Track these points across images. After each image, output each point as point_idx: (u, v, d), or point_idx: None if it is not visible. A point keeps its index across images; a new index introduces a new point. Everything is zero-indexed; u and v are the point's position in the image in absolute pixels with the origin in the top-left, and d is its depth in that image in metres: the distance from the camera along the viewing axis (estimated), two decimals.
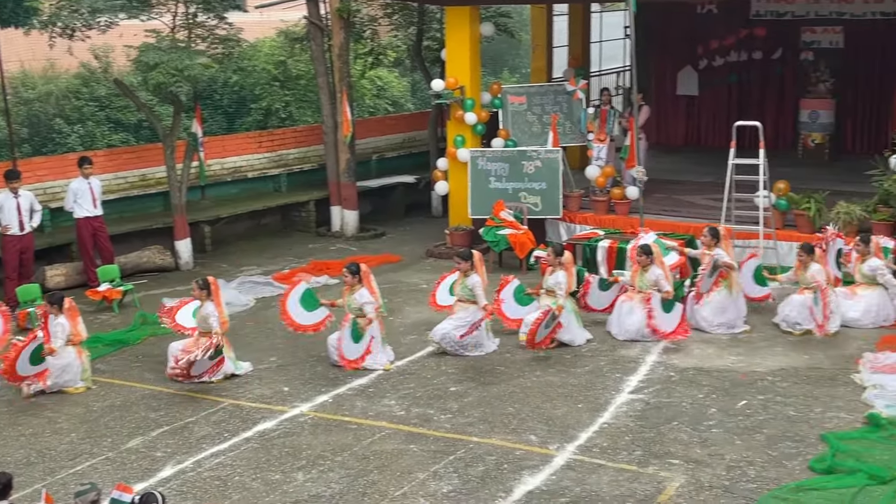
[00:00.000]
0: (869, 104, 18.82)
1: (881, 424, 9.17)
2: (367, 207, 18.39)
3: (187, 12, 15.62)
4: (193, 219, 16.00)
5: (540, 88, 17.41)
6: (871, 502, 7.86)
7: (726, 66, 20.00)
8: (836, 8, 18.33)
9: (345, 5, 17.11)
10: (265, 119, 19.99)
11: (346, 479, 8.59)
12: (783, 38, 19.28)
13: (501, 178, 15.63)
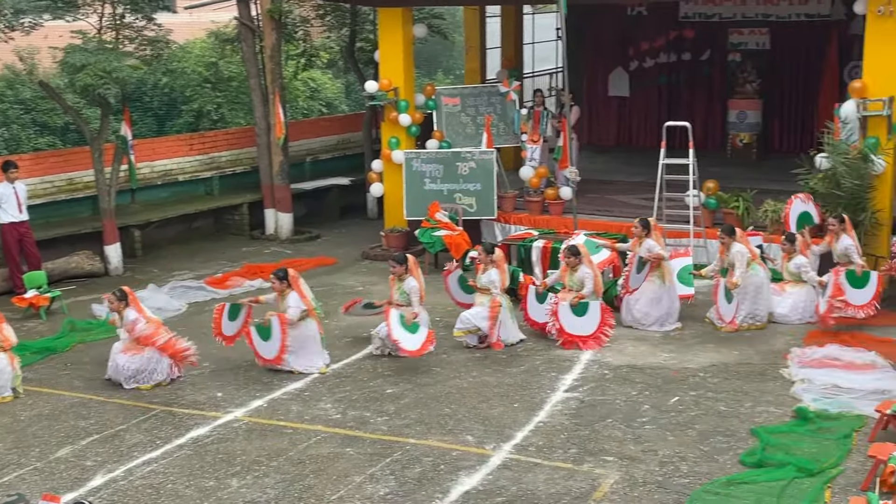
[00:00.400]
0: (795, 104, 19.20)
1: (809, 418, 9.36)
2: (301, 210, 18.31)
3: (115, 13, 15.41)
4: (123, 223, 15.78)
5: (474, 90, 17.48)
6: (799, 494, 8.02)
7: (656, 68, 20.26)
8: (762, 10, 18.67)
9: (276, 6, 17.01)
10: (196, 121, 19.77)
11: (282, 484, 8.53)
12: (711, 40, 19.60)
13: (436, 179, 15.64)
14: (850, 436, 8.97)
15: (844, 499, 7.76)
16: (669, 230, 13.82)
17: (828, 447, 8.77)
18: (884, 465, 7.62)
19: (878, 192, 12.93)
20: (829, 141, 13.04)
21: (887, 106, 12.61)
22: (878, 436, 8.78)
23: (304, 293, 11.26)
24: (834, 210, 12.93)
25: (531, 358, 11.32)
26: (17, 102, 18.19)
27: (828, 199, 13.01)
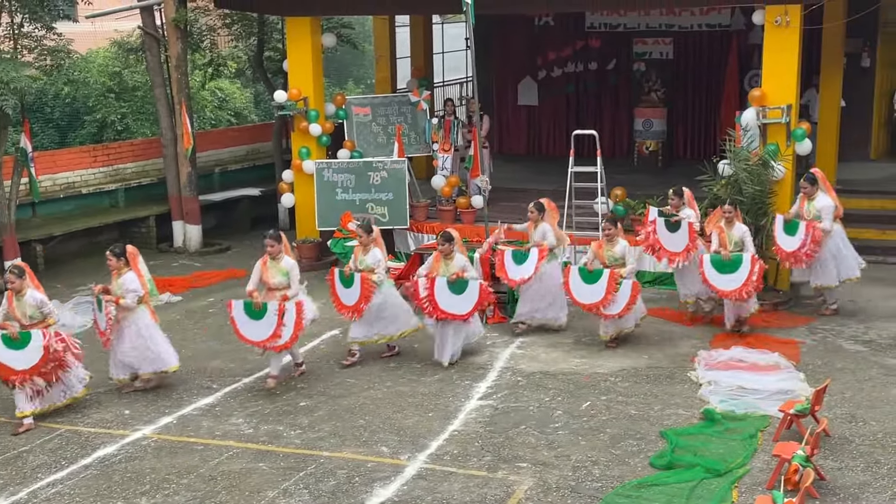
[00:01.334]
0: (698, 112, 19.57)
1: (716, 419, 9.54)
2: (210, 221, 18.09)
3: (12, 22, 15.07)
4: (24, 237, 15.38)
5: (384, 99, 17.51)
6: (708, 495, 8.17)
7: (564, 77, 20.47)
8: (666, 20, 18.98)
9: (181, 15, 16.77)
10: (100, 132, 19.40)
11: (193, 502, 8.41)
12: (617, 50, 19.87)
13: (348, 189, 15.62)
14: (756, 436, 9.17)
15: (751, 498, 7.93)
16: (579, 237, 14.00)
17: (734, 447, 8.95)
18: (788, 464, 7.78)
19: (778, 197, 13.21)
20: (730, 148, 13.29)
21: (785, 114, 12.92)
22: (782, 435, 9.01)
23: (142, 273, 10.84)
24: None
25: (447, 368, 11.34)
26: None
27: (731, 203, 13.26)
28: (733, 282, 11.37)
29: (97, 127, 19.45)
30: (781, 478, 7.75)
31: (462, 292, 11.14)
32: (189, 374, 11.28)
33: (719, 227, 11.84)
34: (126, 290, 10.52)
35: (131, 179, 18.42)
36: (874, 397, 10.09)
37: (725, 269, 11.42)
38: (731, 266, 11.42)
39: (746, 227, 11.98)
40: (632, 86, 19.72)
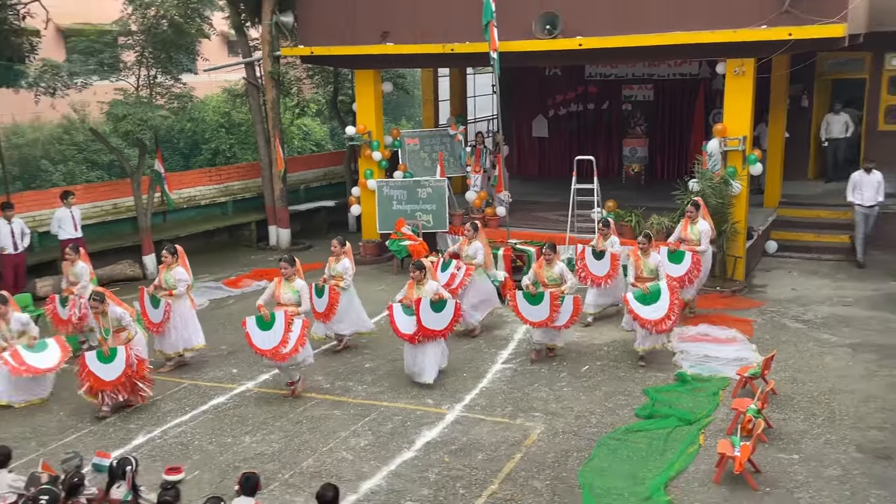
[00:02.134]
0: (673, 142, 19.38)
1: (686, 380, 9.53)
2: (296, 226, 18.19)
3: (149, 74, 15.26)
4: (157, 238, 15.55)
5: (430, 132, 17.51)
6: (680, 438, 8.17)
7: (568, 115, 20.37)
8: (648, 70, 18.89)
9: (275, 69, 16.91)
10: (214, 158, 19.60)
11: (284, 439, 8.52)
12: (609, 94, 19.75)
13: (401, 201, 15.65)
14: (718, 393, 9.16)
15: (714, 441, 7.91)
16: (580, 238, 13.93)
17: (701, 402, 8.95)
18: (743, 415, 7.76)
19: (736, 208, 13.12)
20: (698, 170, 13.24)
21: (742, 143, 12.81)
22: (738, 393, 8.99)
23: (188, 268, 10.63)
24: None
25: (475, 338, 11.33)
26: (72, 144, 17.97)
27: None
28: (657, 311, 9.83)
29: (211, 154, 19.64)
30: (738, 426, 7.72)
31: (441, 310, 9.68)
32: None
33: (636, 256, 10.41)
34: (177, 279, 10.43)
35: (237, 194, 18.58)
36: (811, 364, 10.02)
37: (648, 301, 9.89)
38: (652, 298, 9.90)
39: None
40: (621, 122, 19.61)
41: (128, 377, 9.08)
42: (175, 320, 10.35)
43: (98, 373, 9.03)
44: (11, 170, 16.02)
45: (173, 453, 8.25)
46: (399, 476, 7.68)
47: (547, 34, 13.46)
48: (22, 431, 8.88)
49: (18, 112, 17.50)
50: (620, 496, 7.18)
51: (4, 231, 12.85)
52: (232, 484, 7.11)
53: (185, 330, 10.50)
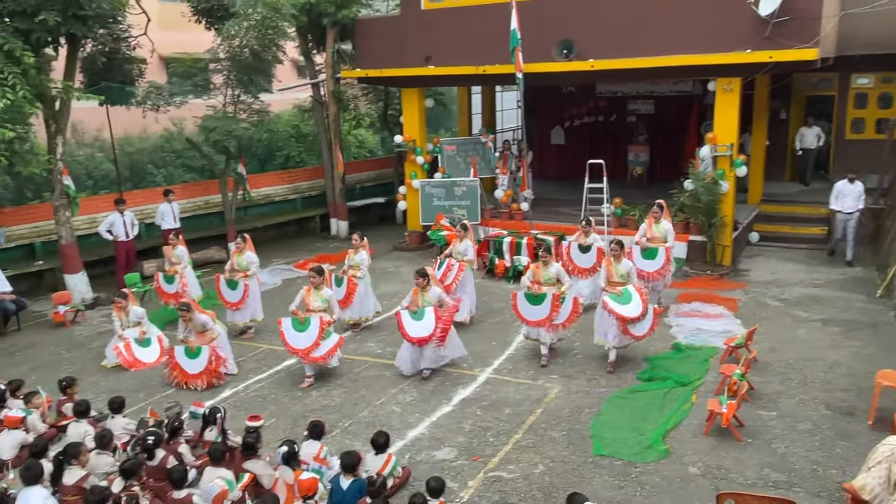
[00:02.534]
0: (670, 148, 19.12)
1: (681, 349, 9.46)
2: (353, 218, 18.32)
3: (234, 94, 15.44)
4: (240, 228, 15.76)
5: (464, 140, 17.46)
6: (676, 397, 8.11)
7: (581, 126, 20.19)
8: (650, 88, 18.66)
9: (336, 89, 17.02)
10: (286, 162, 19.78)
11: (344, 394, 8.61)
12: (617, 107, 19.55)
13: (441, 198, 15.66)
14: (708, 360, 9.07)
15: (705, 400, 7.86)
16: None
17: (694, 367, 8.88)
18: (729, 379, 7.68)
19: (724, 204, 12.90)
20: (692, 172, 13.05)
21: (729, 149, 12.60)
22: (725, 360, 8.88)
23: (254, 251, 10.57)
24: (696, 216, 12.98)
25: (504, 314, 11.28)
26: (171, 152, 18.24)
27: (692, 209, 13.04)
28: (634, 309, 8.83)
29: (284, 159, 19.81)
30: (725, 387, 7.65)
31: (421, 318, 8.81)
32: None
33: (608, 261, 9.27)
34: (249, 262, 10.54)
35: (304, 192, 18.75)
36: (787, 336, 9.86)
37: (623, 301, 8.90)
38: (625, 299, 8.91)
39: (632, 264, 9.45)
40: (626, 131, 19.37)
41: (208, 372, 8.91)
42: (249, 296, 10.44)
43: (184, 366, 8.96)
44: (123, 172, 16.37)
45: (254, 404, 8.41)
46: (439, 426, 7.74)
47: (564, 57, 13.35)
48: (133, 385, 9.12)
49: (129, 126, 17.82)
50: (625, 444, 7.17)
51: (118, 222, 13.11)
52: (302, 430, 7.25)
53: (254, 304, 10.60)
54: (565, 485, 6.53)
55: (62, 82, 11.69)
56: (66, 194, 12.21)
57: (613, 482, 6.58)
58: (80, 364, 9.87)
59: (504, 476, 6.73)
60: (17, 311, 11.38)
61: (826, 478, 6.52)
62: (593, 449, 7.13)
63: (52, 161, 11.70)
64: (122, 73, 14.32)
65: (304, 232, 18.14)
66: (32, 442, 6.83)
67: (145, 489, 6.17)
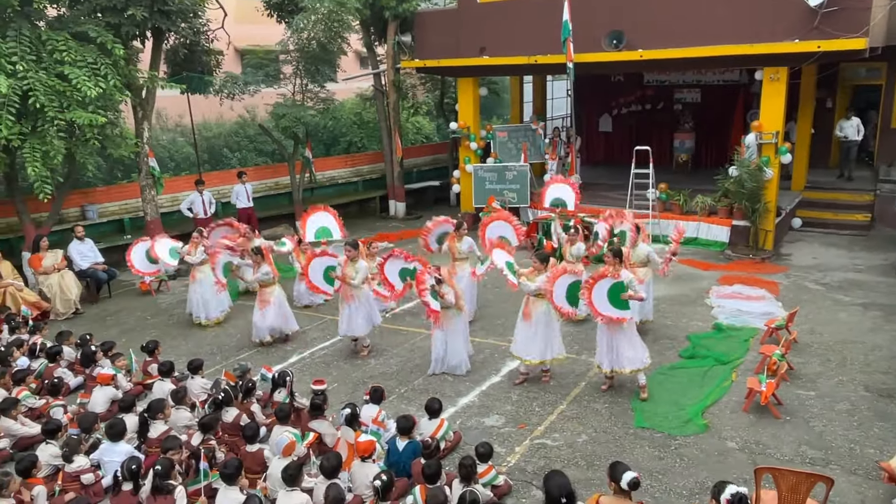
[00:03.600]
0: (715, 135, 18.60)
1: (722, 329, 9.22)
2: (410, 200, 18.36)
3: (302, 83, 15.60)
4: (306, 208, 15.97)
5: (516, 127, 17.27)
6: (716, 375, 7.92)
7: (628, 113, 19.76)
8: (696, 77, 18.10)
9: (397, 78, 17.01)
10: (348, 147, 19.94)
11: (400, 362, 8.68)
12: (663, 96, 19.05)
13: (492, 182, 15.55)
14: (748, 340, 8.83)
15: (744, 378, 7.65)
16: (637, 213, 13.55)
17: (734, 347, 8.64)
18: (769, 358, 7.45)
19: (768, 190, 12.46)
20: (737, 158, 12.65)
21: (774, 137, 12.15)
22: (766, 340, 8.61)
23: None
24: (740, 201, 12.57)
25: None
26: (245, 137, 18.57)
27: (736, 194, 12.65)
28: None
29: (347, 144, 19.96)
30: (765, 367, 7.42)
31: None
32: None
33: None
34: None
35: (366, 175, 18.88)
36: (827, 318, 9.49)
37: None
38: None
39: (650, 248, 8.43)
40: (672, 119, 18.89)
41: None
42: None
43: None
44: (202, 155, 16.78)
45: (318, 369, 8.56)
46: (488, 395, 7.73)
47: (613, 48, 13.02)
48: (210, 348, 9.40)
49: (207, 112, 18.24)
50: (665, 418, 7.04)
51: (197, 200, 13.47)
52: (361, 394, 7.35)
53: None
54: (607, 454, 6.46)
55: (148, 72, 12.01)
56: (151, 175, 12.60)
57: (654, 453, 6.48)
58: (163, 329, 10.23)
59: (549, 443, 6.70)
60: (108, 280, 11.82)
61: (863, 457, 6.28)
62: (635, 421, 7.03)
63: (139, 144, 12.07)
64: (202, 64, 14.62)
65: (365, 212, 18.29)
66: (121, 398, 7.13)
67: (221, 443, 6.38)
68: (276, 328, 9.33)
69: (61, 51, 9.88)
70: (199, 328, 10.09)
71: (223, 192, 15.49)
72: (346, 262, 8.82)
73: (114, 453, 5.93)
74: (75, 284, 10.99)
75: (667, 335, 9.12)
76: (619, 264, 7.32)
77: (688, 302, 10.44)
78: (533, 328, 7.67)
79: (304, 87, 15.65)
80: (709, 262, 12.43)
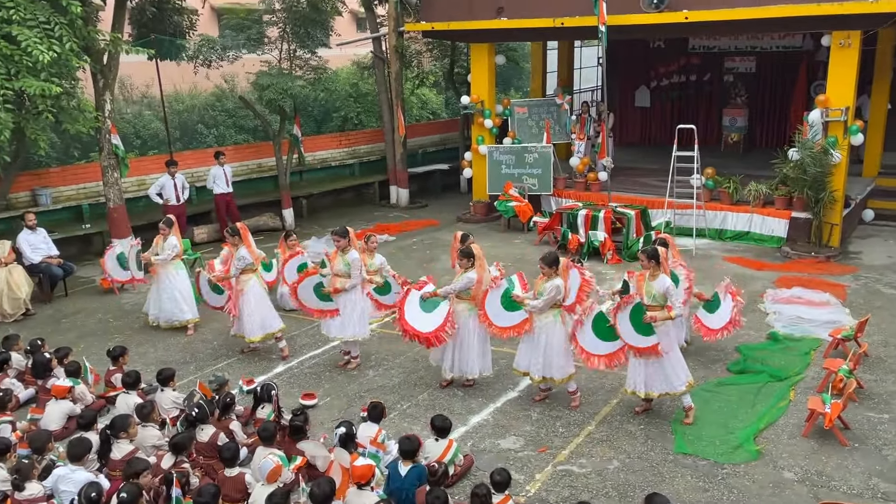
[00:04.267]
0: (773, 112, 18.53)
1: (779, 339, 9.19)
2: (414, 186, 18.41)
3: (290, 49, 15.62)
4: (294, 194, 16.11)
5: (538, 102, 17.25)
6: (771, 393, 7.89)
7: (670, 86, 19.73)
8: (751, 43, 18.01)
9: (399, 43, 17.00)
10: (343, 124, 19.96)
11: (403, 374, 8.69)
12: (711, 65, 18.99)
13: (510, 165, 15.56)
14: (810, 353, 8.78)
15: (804, 398, 7.61)
16: (678, 203, 13.56)
17: (793, 360, 8.61)
18: (834, 375, 7.41)
19: (835, 177, 12.41)
20: (798, 139, 12.59)
21: (844, 114, 12.08)
22: (830, 353, 8.56)
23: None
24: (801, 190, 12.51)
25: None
26: (223, 111, 18.62)
27: (797, 181, 12.58)
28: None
29: (341, 120, 19.99)
30: (829, 385, 7.38)
31: (432, 310, 7.97)
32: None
33: (640, 279, 7.25)
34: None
35: (363, 156, 18.93)
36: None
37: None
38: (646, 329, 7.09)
39: (668, 283, 7.16)
40: (721, 92, 18.83)
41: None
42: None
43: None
44: (173, 132, 16.84)
45: (308, 381, 8.58)
46: (504, 413, 7.73)
47: (654, 8, 12.95)
48: (182, 356, 9.42)
49: (179, 82, 18.29)
50: (711, 443, 7.01)
51: (168, 185, 13.53)
52: (357, 410, 7.36)
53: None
54: (643, 484, 6.45)
55: (110, 34, 12.01)
56: (114, 154, 12.64)
57: (697, 483, 6.47)
58: (128, 333, 10.27)
59: (574, 470, 6.70)
60: (64, 277, 11.87)
61: None
62: (675, 446, 7.01)
63: (99, 119, 12.10)
64: (173, 26, 14.66)
65: (362, 200, 18.33)
66: (80, 413, 7.16)
67: (195, 466, 6.41)
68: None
69: (8, 8, 9.85)
70: (170, 332, 10.13)
71: (198, 174, 15.55)
72: (334, 255, 8.60)
73: (70, 481, 5.95)
74: (26, 281, 11.04)
75: (713, 346, 9.07)
76: (656, 267, 7.08)
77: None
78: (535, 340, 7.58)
79: (292, 54, 15.67)
80: (763, 260, 12.36)
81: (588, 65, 21.29)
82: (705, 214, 13.61)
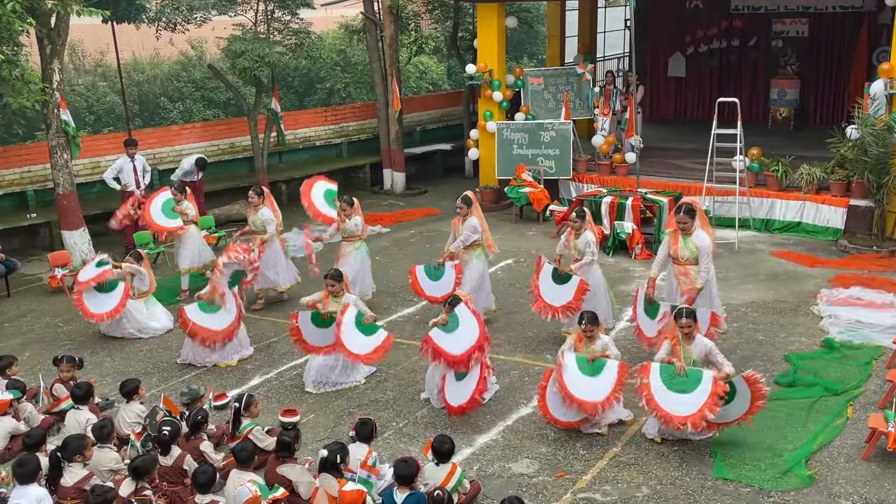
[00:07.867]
0: (828, 83, 18.54)
1: (835, 347, 9.19)
2: (412, 170, 18.40)
3: (267, 9, 15.62)
4: (273, 179, 16.12)
5: (555, 71, 17.25)
6: (825, 410, 7.90)
7: (709, 52, 19.76)
8: (803, 3, 18.03)
9: (395, 2, 16.99)
10: (329, 97, 19.99)
11: (399, 387, 8.72)
12: (757, 29, 19.01)
13: (522, 145, 15.57)
14: (870, 363, 8.80)
15: (864, 415, 7.63)
16: (718, 189, 13.56)
17: (851, 372, 8.62)
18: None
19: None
20: (858, 115, 12.61)
21: None
22: (894, 363, 8.56)
23: (276, 208, 11.12)
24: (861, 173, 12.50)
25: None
26: (189, 82, 18.68)
27: (856, 164, 12.58)
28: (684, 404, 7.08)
29: (326, 93, 20.03)
30: (893, 400, 7.39)
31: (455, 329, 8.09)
32: (396, 289, 11.60)
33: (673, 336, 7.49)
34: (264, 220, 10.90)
35: (352, 135, 18.94)
36: None
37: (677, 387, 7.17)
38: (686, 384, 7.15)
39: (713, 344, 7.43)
40: (769, 60, 18.85)
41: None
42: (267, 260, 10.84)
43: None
44: (132, 106, 16.87)
45: (289, 395, 8.61)
46: (516, 432, 7.76)
47: None
48: (143, 366, 9.45)
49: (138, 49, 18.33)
50: (756, 467, 7.03)
51: (127, 168, 13.52)
52: (346, 429, 7.39)
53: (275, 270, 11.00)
54: None
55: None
56: (64, 132, 12.65)
57: None
58: (80, 339, 10.31)
59: (598, 499, 6.72)
60: (5, 274, 11.93)
61: None
62: (714, 471, 7.03)
63: (46, 91, 12.11)
64: None
65: (352, 184, 18.31)
66: (26, 432, 7.18)
67: (158, 493, 6.44)
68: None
69: None
70: (128, 340, 10.15)
71: (161, 156, 15.57)
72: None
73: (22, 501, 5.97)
74: None
75: (759, 354, 9.09)
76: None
77: (787, 310, 10.38)
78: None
79: (270, 16, 15.67)
80: (817, 255, 12.36)
81: (614, 28, 21.28)
82: (750, 202, 13.61)
